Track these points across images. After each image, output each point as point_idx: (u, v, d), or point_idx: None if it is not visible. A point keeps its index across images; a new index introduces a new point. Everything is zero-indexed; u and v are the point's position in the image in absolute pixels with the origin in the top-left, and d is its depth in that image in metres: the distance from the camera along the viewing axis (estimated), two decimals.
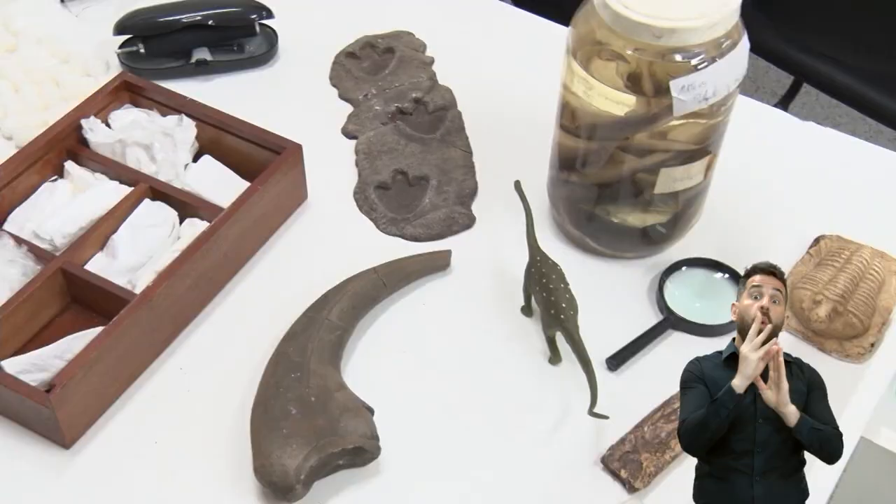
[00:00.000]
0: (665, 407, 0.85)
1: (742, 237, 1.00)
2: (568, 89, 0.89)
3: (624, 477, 0.81)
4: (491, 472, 0.82)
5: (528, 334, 0.92)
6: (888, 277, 0.93)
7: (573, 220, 0.97)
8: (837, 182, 1.05)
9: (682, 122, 0.86)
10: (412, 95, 1.11)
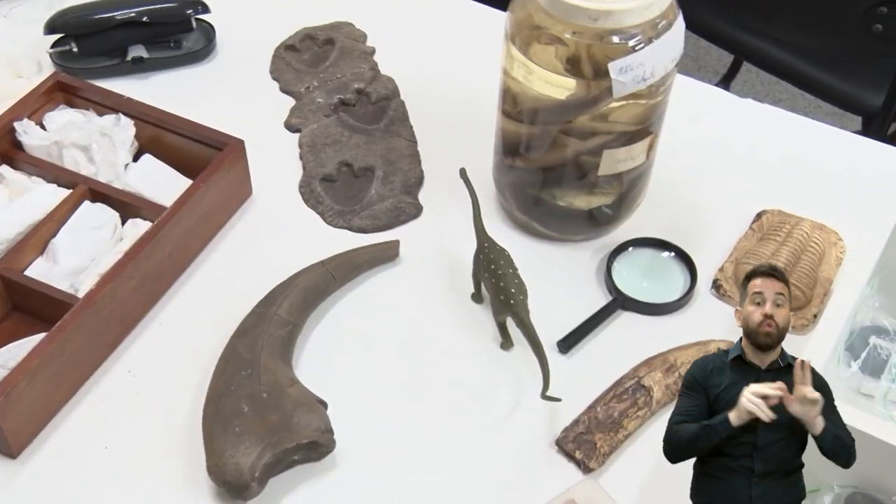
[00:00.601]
0: (617, 387, 0.86)
1: (687, 215, 1.01)
2: (508, 75, 0.89)
3: (578, 458, 0.82)
4: (447, 459, 0.83)
5: (478, 321, 0.92)
6: (828, 249, 0.95)
7: (520, 206, 0.98)
8: (778, 157, 1.07)
9: (622, 103, 0.87)
10: (354, 86, 1.10)
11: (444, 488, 0.81)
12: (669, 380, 0.86)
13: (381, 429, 0.84)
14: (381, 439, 0.83)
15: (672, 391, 0.86)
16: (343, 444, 0.82)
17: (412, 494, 0.80)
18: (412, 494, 0.80)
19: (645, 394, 0.85)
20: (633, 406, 0.84)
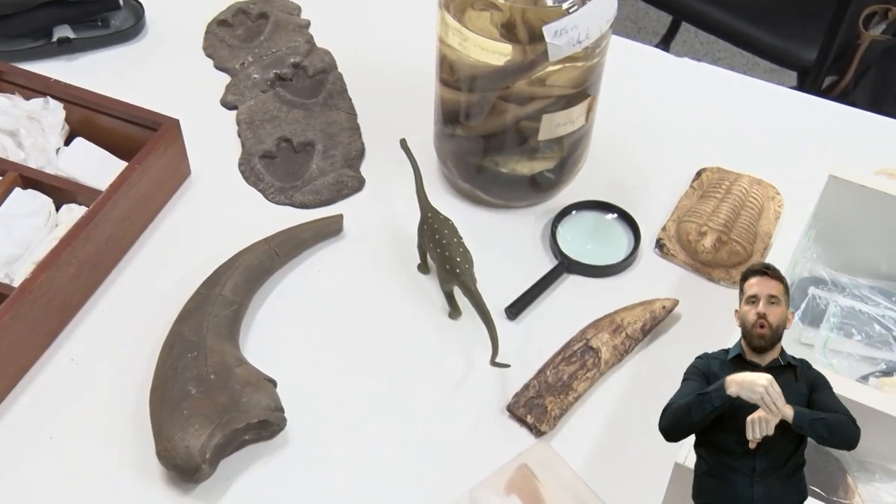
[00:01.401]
0: (565, 350, 0.87)
1: (628, 176, 1.02)
2: (444, 42, 0.89)
3: (530, 422, 0.82)
4: (400, 430, 0.83)
5: (426, 291, 0.92)
6: (766, 203, 0.96)
7: (462, 174, 0.97)
8: (716, 115, 1.08)
9: (559, 67, 0.86)
10: (290, 60, 1.08)
11: (397, 458, 0.81)
12: (617, 340, 0.87)
13: (332, 404, 0.84)
14: (333, 414, 0.83)
15: (620, 351, 0.87)
16: (294, 421, 0.81)
17: (366, 466, 0.80)
18: (366, 466, 0.80)
19: (593, 355, 0.86)
20: (582, 368, 0.85)
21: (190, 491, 0.77)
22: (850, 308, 0.85)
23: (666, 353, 0.88)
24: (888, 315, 0.84)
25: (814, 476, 0.74)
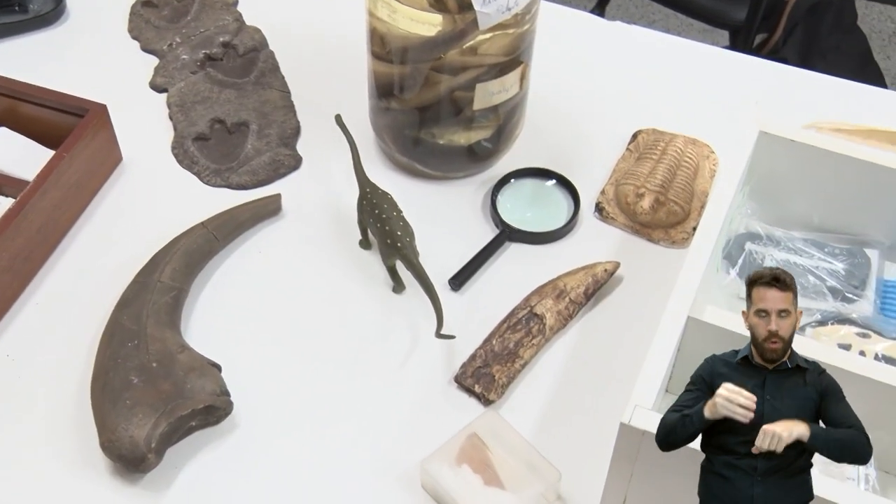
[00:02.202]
0: (510, 318, 0.87)
1: (566, 142, 1.02)
2: (373, 15, 0.88)
3: (478, 392, 0.83)
4: (348, 407, 0.82)
5: (368, 267, 0.91)
6: (701, 162, 0.97)
7: (400, 147, 0.97)
8: (650, 77, 1.09)
9: (489, 35, 0.86)
10: (220, 40, 1.06)
11: (346, 435, 0.81)
12: (560, 305, 0.87)
13: (279, 385, 0.83)
14: (280, 395, 0.83)
15: (564, 316, 0.87)
16: (241, 404, 0.81)
17: (316, 445, 0.80)
18: (316, 445, 0.80)
19: (538, 322, 0.86)
20: (527, 335, 0.86)
21: (137, 481, 0.76)
22: (785, 261, 0.87)
23: (609, 315, 0.89)
24: (821, 266, 0.86)
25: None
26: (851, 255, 0.87)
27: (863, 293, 0.85)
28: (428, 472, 0.77)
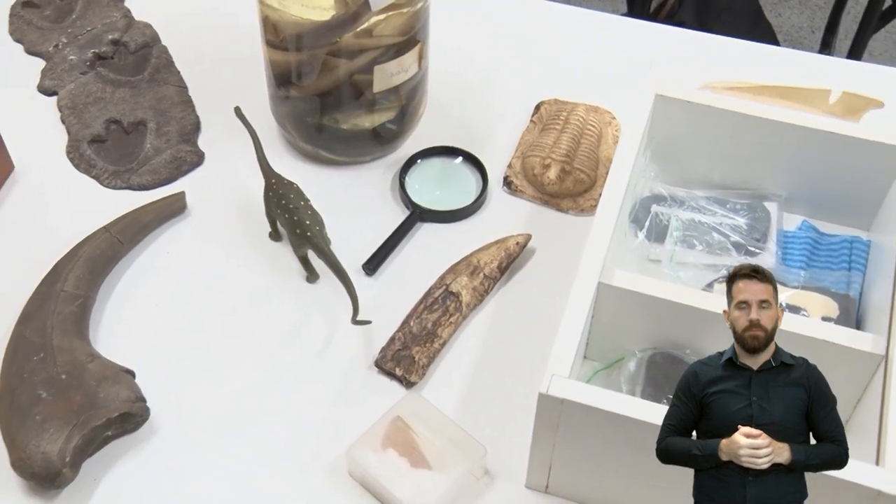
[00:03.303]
0: (426, 298, 0.87)
1: (470, 118, 1.02)
2: (264, 3, 0.86)
3: (399, 374, 0.83)
4: (269, 401, 0.81)
5: (280, 258, 0.90)
6: (604, 129, 0.98)
7: (303, 135, 0.96)
8: (550, 47, 1.09)
9: (384, 16, 0.85)
10: (109, 38, 1.03)
11: (269, 430, 0.80)
12: (475, 282, 0.88)
13: (197, 386, 0.82)
14: (199, 396, 0.81)
15: (479, 292, 0.88)
16: (159, 409, 0.79)
17: (239, 443, 0.79)
18: (239, 443, 0.79)
19: (454, 300, 0.87)
20: (444, 314, 0.86)
21: (54, 497, 0.74)
22: (690, 220, 0.89)
23: (524, 287, 0.89)
24: (724, 222, 0.88)
25: (671, 384, 0.77)
26: (752, 210, 0.89)
27: (765, 245, 0.87)
28: (354, 459, 0.76)
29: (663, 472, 0.71)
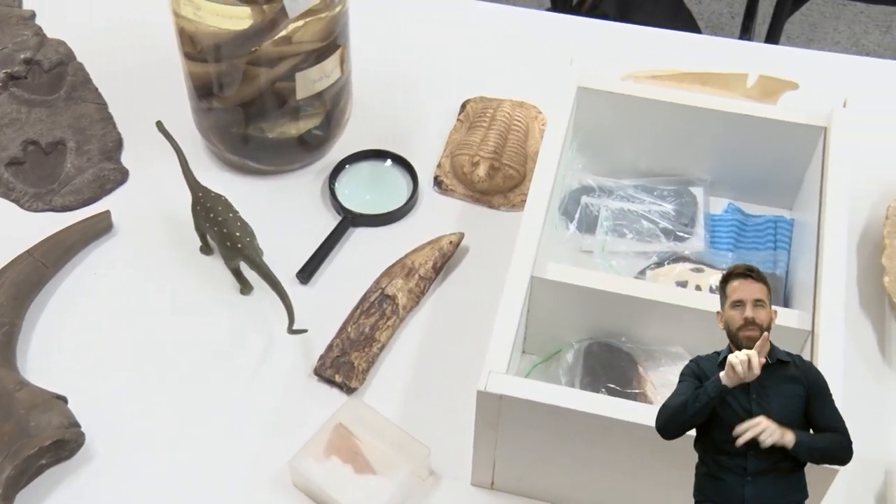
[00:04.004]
0: (363, 302, 0.87)
1: (397, 120, 1.02)
2: (179, 15, 0.85)
3: (339, 381, 0.82)
4: (209, 417, 0.80)
5: (212, 272, 0.89)
6: (531, 124, 0.99)
7: (229, 147, 0.94)
8: (474, 45, 1.09)
9: (302, 22, 0.85)
10: (21, 57, 1.00)
11: (210, 446, 0.79)
12: (411, 283, 0.87)
13: (134, 407, 0.80)
14: (136, 417, 0.80)
15: (415, 293, 0.87)
16: (95, 434, 0.77)
17: (179, 461, 0.78)
18: (179, 461, 0.78)
19: (391, 303, 0.86)
20: (381, 318, 0.86)
21: None
22: (619, 210, 0.90)
23: (460, 286, 0.89)
24: (653, 209, 0.89)
25: (609, 373, 0.78)
26: (679, 196, 0.90)
27: (693, 230, 0.89)
28: (297, 469, 0.76)
29: (607, 460, 0.72)
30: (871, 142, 0.95)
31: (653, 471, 0.71)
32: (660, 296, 0.77)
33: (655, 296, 0.77)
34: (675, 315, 0.77)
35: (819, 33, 2.08)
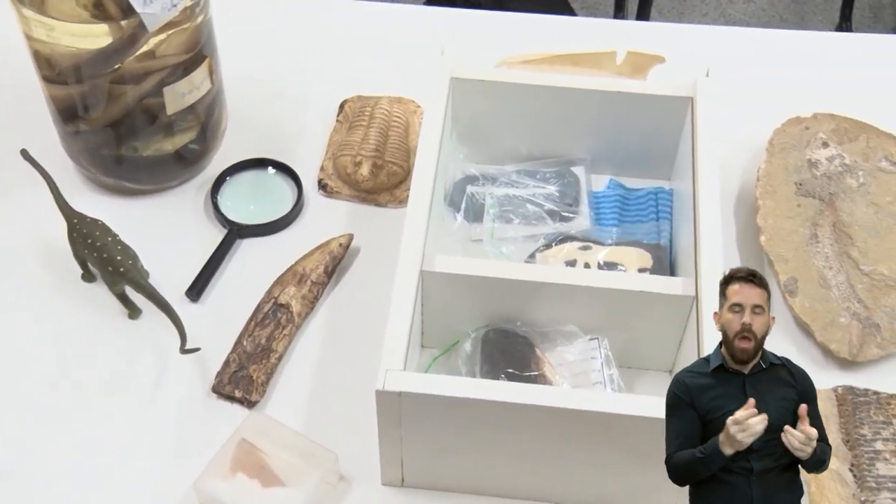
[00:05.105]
0: (256, 314, 0.85)
1: (276, 127, 1.00)
2: (31, 38, 0.82)
3: (239, 396, 0.81)
4: (109, 447, 0.78)
5: (98, 299, 0.86)
6: (410, 118, 0.99)
7: (102, 169, 0.92)
8: (349, 44, 1.08)
9: (164, 35, 0.83)
10: None
11: (113, 477, 0.76)
12: (304, 290, 0.87)
13: (29, 445, 0.78)
14: (32, 455, 0.77)
15: (309, 299, 0.87)
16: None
17: (80, 496, 0.75)
18: (80, 496, 0.75)
19: (285, 311, 0.85)
20: (277, 327, 0.84)
21: None
22: (504, 196, 0.90)
23: (354, 287, 0.89)
24: (537, 193, 0.91)
25: (507, 358, 0.78)
26: (561, 177, 0.92)
27: (578, 209, 0.90)
28: (203, 490, 0.74)
29: (513, 445, 0.72)
30: (738, 107, 0.99)
31: (558, 450, 0.72)
32: (549, 277, 0.78)
33: (545, 277, 0.78)
34: (566, 294, 0.78)
35: (688, 6, 2.14)
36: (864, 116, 0.96)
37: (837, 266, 0.85)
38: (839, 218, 0.88)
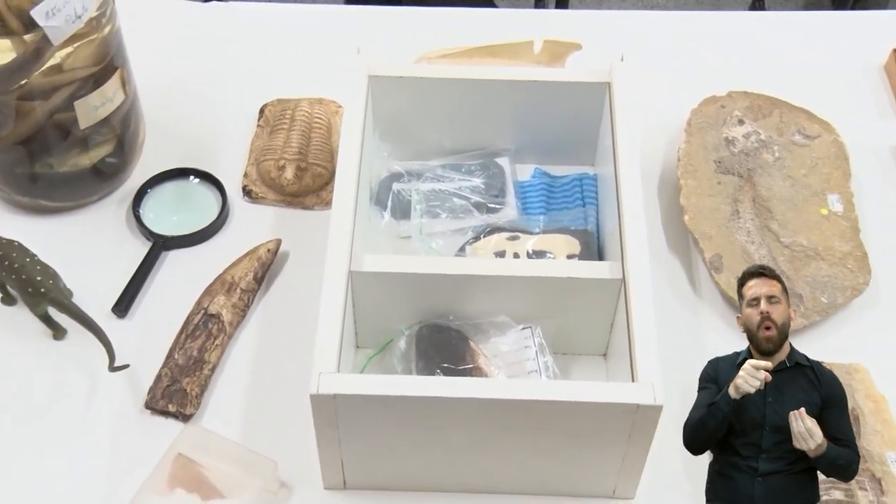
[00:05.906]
0: (187, 326, 0.84)
1: (196, 135, 0.99)
2: None
3: (173, 411, 0.79)
4: (40, 472, 0.76)
5: (20, 322, 0.84)
6: (332, 119, 0.98)
7: (16, 188, 0.89)
8: (264, 48, 1.07)
9: (70, 48, 0.81)
10: None
11: (46, 500, 0.75)
12: (234, 298, 0.85)
13: None
14: None
15: (240, 308, 0.85)
16: None
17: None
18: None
19: (216, 321, 0.84)
20: (209, 338, 0.83)
21: None
22: (430, 191, 0.90)
23: (285, 292, 0.88)
24: (463, 186, 0.91)
25: (441, 353, 0.78)
26: (486, 168, 0.92)
27: (504, 200, 0.90)
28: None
29: (451, 439, 0.72)
30: (655, 90, 1.00)
31: (499, 441, 0.72)
32: (479, 269, 0.78)
33: (474, 270, 0.78)
34: (497, 285, 0.78)
35: None
36: (777, 92, 0.98)
37: (759, 240, 0.87)
38: (758, 193, 0.89)
